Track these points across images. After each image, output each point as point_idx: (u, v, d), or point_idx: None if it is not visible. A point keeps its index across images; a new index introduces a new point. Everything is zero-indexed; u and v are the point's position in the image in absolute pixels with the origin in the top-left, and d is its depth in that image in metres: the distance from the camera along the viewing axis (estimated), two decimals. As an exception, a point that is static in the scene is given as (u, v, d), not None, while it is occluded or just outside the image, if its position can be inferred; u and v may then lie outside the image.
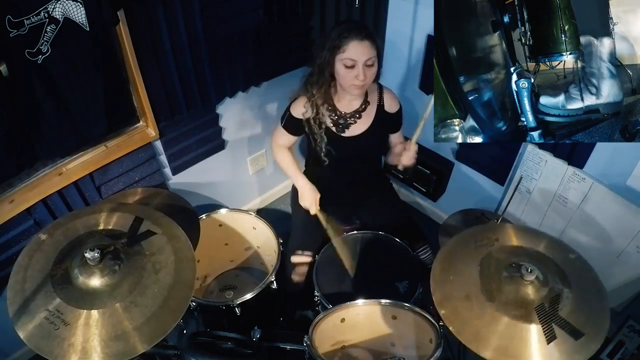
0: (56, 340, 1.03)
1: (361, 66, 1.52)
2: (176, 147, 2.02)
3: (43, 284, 1.12)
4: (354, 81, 1.55)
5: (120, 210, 1.32)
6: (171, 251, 1.22)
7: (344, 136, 1.74)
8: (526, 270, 1.15)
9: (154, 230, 1.27)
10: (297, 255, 1.77)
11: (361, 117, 1.73)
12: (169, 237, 1.26)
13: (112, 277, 1.14)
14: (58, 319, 1.06)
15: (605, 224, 1.77)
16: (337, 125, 1.73)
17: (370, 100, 1.73)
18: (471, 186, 2.30)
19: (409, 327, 1.48)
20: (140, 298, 1.12)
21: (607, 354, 1.79)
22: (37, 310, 1.08)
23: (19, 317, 1.07)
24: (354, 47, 1.51)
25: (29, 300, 1.09)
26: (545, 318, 1.11)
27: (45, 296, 1.10)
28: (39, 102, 1.42)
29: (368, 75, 1.55)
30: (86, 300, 1.10)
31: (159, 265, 1.19)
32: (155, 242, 1.24)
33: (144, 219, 1.29)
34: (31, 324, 1.06)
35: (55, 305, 1.08)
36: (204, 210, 1.91)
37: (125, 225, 1.27)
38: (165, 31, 1.63)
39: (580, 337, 1.08)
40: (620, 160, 1.63)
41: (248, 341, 1.44)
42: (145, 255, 1.20)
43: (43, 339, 1.04)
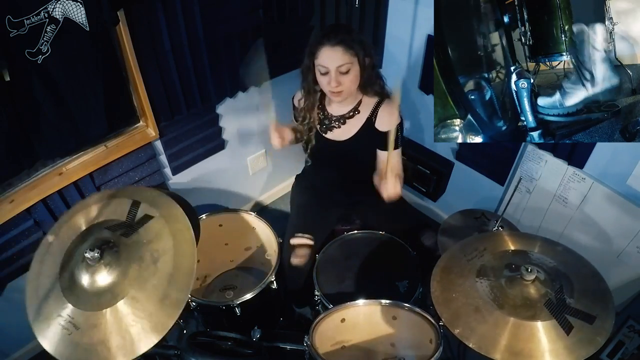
0: (72, 345, 1.05)
1: (333, 73, 1.50)
2: (176, 147, 2.02)
3: (53, 289, 1.13)
4: (328, 87, 1.54)
5: (118, 196, 1.31)
6: (169, 235, 1.21)
7: (326, 137, 1.74)
8: (526, 271, 1.15)
9: (151, 213, 1.25)
10: (297, 237, 1.75)
11: (345, 124, 1.70)
12: (166, 218, 1.25)
13: (114, 274, 1.14)
14: (70, 324, 1.08)
15: (605, 224, 1.76)
16: (322, 125, 1.73)
17: (362, 109, 1.68)
18: (471, 186, 2.30)
19: (409, 327, 1.47)
20: (142, 291, 1.12)
21: (607, 354, 1.79)
22: (52, 317, 1.10)
23: (37, 326, 1.10)
24: (325, 53, 1.50)
25: (42, 308, 1.11)
26: (556, 311, 1.12)
27: (57, 302, 1.11)
28: (39, 102, 1.42)
29: (343, 82, 1.53)
30: (93, 302, 1.11)
31: (157, 253, 1.18)
32: (153, 227, 1.23)
33: (141, 202, 1.28)
34: (49, 332, 1.08)
35: (68, 311, 1.10)
36: (204, 210, 1.91)
37: (123, 212, 1.26)
38: (165, 31, 1.63)
39: (594, 321, 1.10)
40: (620, 160, 1.62)
41: (248, 341, 1.44)
42: (143, 244, 1.19)
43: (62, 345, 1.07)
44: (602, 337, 1.08)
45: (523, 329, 1.10)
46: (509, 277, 1.21)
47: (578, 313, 1.12)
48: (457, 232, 1.79)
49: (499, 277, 1.22)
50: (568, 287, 1.18)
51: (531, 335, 1.09)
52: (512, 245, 1.33)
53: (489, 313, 1.14)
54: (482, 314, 1.14)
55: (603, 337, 1.08)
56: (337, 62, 1.49)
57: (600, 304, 1.14)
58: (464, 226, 1.85)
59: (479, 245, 1.34)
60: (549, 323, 1.10)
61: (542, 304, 1.13)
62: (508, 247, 1.33)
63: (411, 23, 2.04)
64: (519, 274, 1.17)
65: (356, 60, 1.52)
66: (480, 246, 1.34)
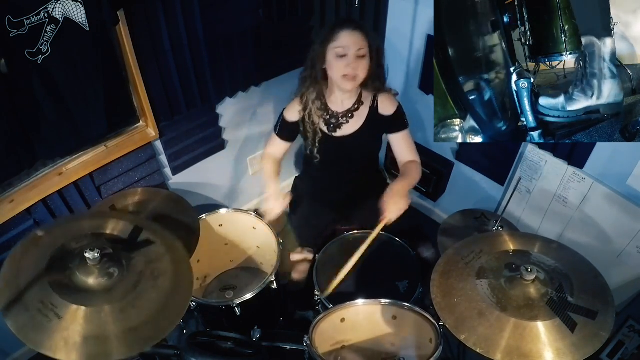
0: (47, 332, 1.03)
1: (352, 56, 1.53)
2: (176, 147, 2.02)
3: (39, 278, 1.11)
4: (345, 70, 1.55)
5: (120, 219, 1.32)
6: (170, 261, 1.23)
7: (335, 136, 1.74)
8: (526, 271, 1.15)
9: (152, 239, 1.27)
10: (297, 253, 1.76)
11: (353, 117, 1.72)
12: (167, 247, 1.26)
13: (108, 279, 1.14)
14: (52, 312, 1.06)
15: (605, 224, 1.76)
16: (329, 125, 1.73)
17: (364, 100, 1.72)
18: (471, 186, 2.30)
19: (409, 327, 1.48)
20: (138, 300, 1.12)
21: (607, 354, 1.79)
22: (31, 302, 1.07)
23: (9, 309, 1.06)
24: (345, 36, 1.53)
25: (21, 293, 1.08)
26: (559, 309, 1.12)
27: (40, 289, 1.09)
28: (39, 102, 1.42)
29: (359, 67, 1.55)
30: (83, 298, 1.10)
31: (157, 272, 1.19)
32: (154, 251, 1.25)
33: (143, 229, 1.29)
34: (22, 316, 1.05)
35: (51, 298, 1.07)
36: (204, 210, 1.91)
37: (125, 232, 1.28)
38: (165, 31, 1.63)
39: (596, 316, 1.11)
40: (620, 160, 1.62)
41: (248, 341, 1.44)
42: (144, 262, 1.20)
43: (33, 330, 1.03)
44: (605, 332, 1.08)
45: (529, 330, 1.10)
46: (508, 277, 1.21)
47: (580, 310, 1.12)
48: (457, 232, 1.79)
49: (498, 278, 1.22)
50: (568, 285, 1.18)
51: (536, 336, 1.09)
52: (512, 245, 1.33)
53: (493, 316, 1.14)
54: (486, 318, 1.14)
55: (607, 332, 1.08)
56: (357, 45, 1.53)
57: (601, 299, 1.15)
58: (464, 226, 1.85)
59: (475, 247, 1.34)
60: (552, 322, 1.10)
61: (544, 304, 1.14)
62: (508, 247, 1.33)
63: (411, 23, 2.04)
64: (519, 274, 1.17)
65: (369, 50, 1.56)
66: (476, 248, 1.34)
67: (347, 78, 1.57)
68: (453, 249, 1.38)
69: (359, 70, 1.56)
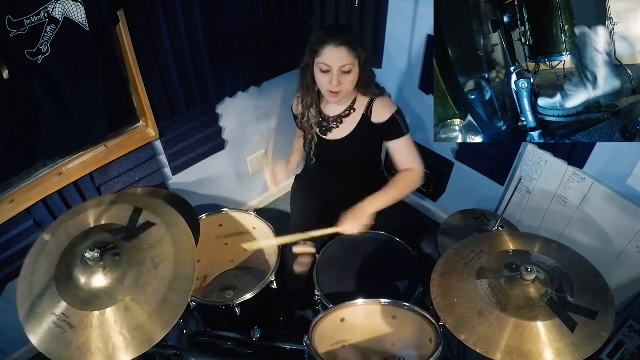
0: (64, 344, 1.04)
1: (335, 72, 1.50)
2: (176, 147, 2.02)
3: (48, 287, 1.12)
4: (328, 86, 1.54)
5: (120, 202, 1.31)
6: (171, 242, 1.21)
7: (326, 139, 1.75)
8: (526, 271, 1.15)
9: (153, 221, 1.26)
10: (300, 245, 1.76)
11: (343, 123, 1.71)
12: (168, 226, 1.25)
13: (113, 275, 1.14)
14: (65, 322, 1.07)
15: (605, 224, 1.76)
16: (321, 127, 1.74)
17: (357, 107, 1.69)
18: (471, 186, 2.29)
19: (409, 327, 1.47)
20: (142, 294, 1.12)
21: (607, 354, 1.79)
22: (45, 314, 1.09)
23: (28, 322, 1.08)
24: (329, 52, 1.49)
25: (35, 305, 1.10)
26: (559, 309, 1.12)
27: (51, 300, 1.11)
28: (39, 102, 1.42)
29: (343, 82, 1.53)
30: (90, 302, 1.10)
31: (158, 259, 1.18)
32: (155, 234, 1.23)
33: (143, 209, 1.28)
34: (40, 329, 1.07)
35: (62, 309, 1.09)
36: (204, 210, 1.91)
37: (125, 217, 1.27)
38: (165, 31, 1.63)
39: (596, 316, 1.10)
40: (620, 160, 1.62)
41: (248, 341, 1.44)
42: (144, 249, 1.20)
43: (52, 343, 1.05)
44: (605, 332, 1.08)
45: (529, 330, 1.10)
46: (508, 277, 1.21)
47: (580, 310, 1.12)
48: (457, 232, 1.79)
49: (498, 278, 1.22)
50: (568, 285, 1.18)
51: (536, 336, 1.09)
52: (512, 245, 1.33)
53: (493, 316, 1.14)
54: (486, 318, 1.14)
55: (607, 332, 1.08)
56: (341, 61, 1.50)
57: (601, 299, 1.15)
58: (464, 226, 1.85)
59: (475, 247, 1.34)
60: (552, 322, 1.10)
61: (544, 304, 1.14)
62: (508, 247, 1.33)
63: (411, 23, 2.04)
64: (519, 274, 1.17)
65: (357, 62, 1.53)
66: (476, 248, 1.34)
67: (331, 93, 1.56)
68: (453, 249, 1.38)
69: (344, 85, 1.54)
